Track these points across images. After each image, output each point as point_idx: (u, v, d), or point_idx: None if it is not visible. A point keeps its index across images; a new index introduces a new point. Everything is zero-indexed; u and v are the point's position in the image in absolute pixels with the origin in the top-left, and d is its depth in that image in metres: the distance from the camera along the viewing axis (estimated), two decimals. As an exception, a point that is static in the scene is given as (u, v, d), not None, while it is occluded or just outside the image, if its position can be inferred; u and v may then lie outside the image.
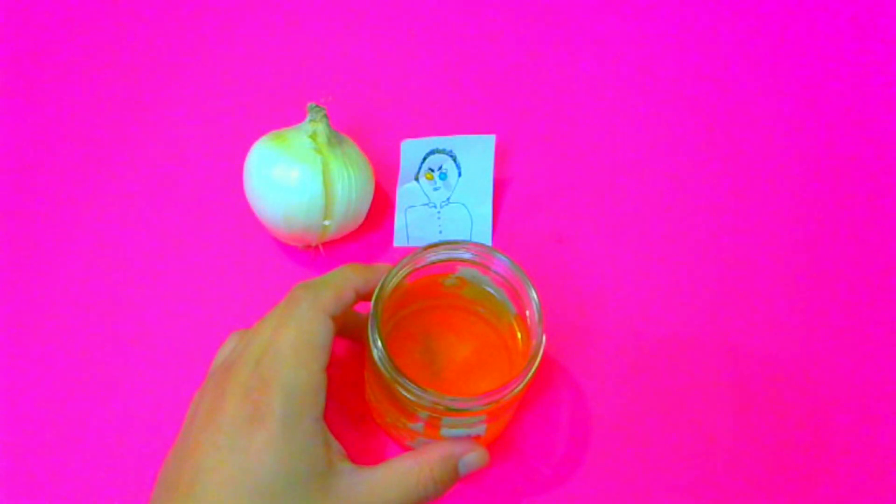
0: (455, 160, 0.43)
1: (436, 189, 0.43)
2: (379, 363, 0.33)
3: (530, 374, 0.33)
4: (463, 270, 0.37)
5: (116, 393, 0.40)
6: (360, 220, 0.43)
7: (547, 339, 0.34)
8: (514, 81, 0.51)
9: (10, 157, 0.47)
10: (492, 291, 0.37)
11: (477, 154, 0.43)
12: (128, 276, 0.43)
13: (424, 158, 0.42)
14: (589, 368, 0.42)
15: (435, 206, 0.44)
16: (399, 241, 0.45)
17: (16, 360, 0.41)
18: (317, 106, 0.41)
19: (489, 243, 0.43)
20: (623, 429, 0.40)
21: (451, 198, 0.44)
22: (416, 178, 0.43)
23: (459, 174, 0.43)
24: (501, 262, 0.35)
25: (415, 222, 0.44)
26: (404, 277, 0.35)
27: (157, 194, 0.46)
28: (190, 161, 0.47)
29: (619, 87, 0.51)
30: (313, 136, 0.41)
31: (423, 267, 0.36)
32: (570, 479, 0.39)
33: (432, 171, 0.43)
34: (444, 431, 0.34)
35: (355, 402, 0.40)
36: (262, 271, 0.44)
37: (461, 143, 0.42)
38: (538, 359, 0.33)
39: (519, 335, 0.37)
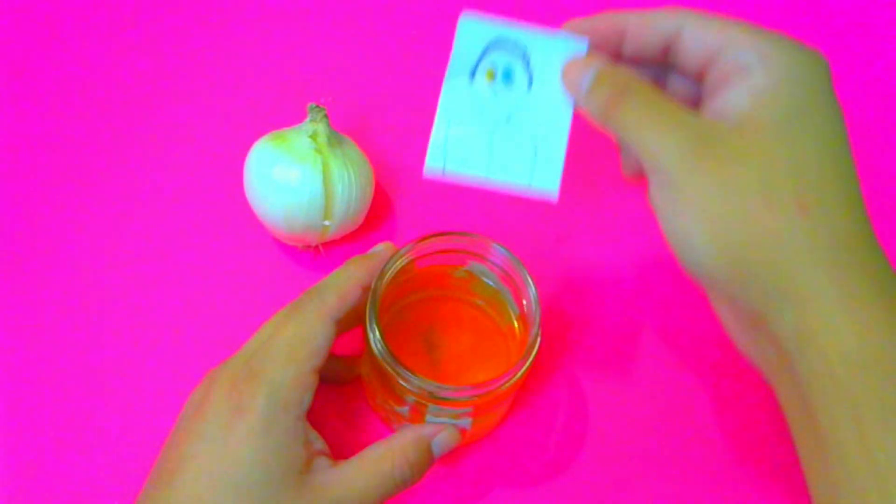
0: (528, 65, 0.32)
1: (495, 96, 0.33)
2: (370, 338, 0.33)
3: (521, 372, 0.33)
4: (472, 265, 0.37)
5: (116, 392, 0.40)
6: (360, 220, 0.43)
7: (545, 340, 0.34)
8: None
9: (10, 158, 0.47)
10: (498, 290, 0.37)
11: (559, 64, 0.32)
12: (128, 275, 0.43)
13: (486, 50, 0.32)
14: (589, 367, 0.42)
15: (489, 122, 0.33)
16: (433, 161, 0.32)
17: (16, 361, 0.41)
18: (317, 106, 0.41)
19: (555, 189, 0.33)
20: (622, 426, 0.40)
21: (512, 115, 0.33)
22: (472, 76, 0.32)
23: (530, 85, 0.32)
24: (498, 253, 0.35)
25: (459, 138, 0.33)
26: (410, 263, 0.35)
27: (157, 194, 0.46)
28: (190, 161, 0.47)
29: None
30: (313, 136, 0.41)
31: (425, 255, 0.36)
32: (565, 476, 0.39)
33: (494, 70, 0.32)
34: (429, 419, 0.34)
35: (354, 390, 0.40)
36: (262, 271, 0.44)
37: (539, 43, 0.32)
38: (531, 356, 0.33)
39: (519, 336, 0.37)
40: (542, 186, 0.32)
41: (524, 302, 0.35)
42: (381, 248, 0.36)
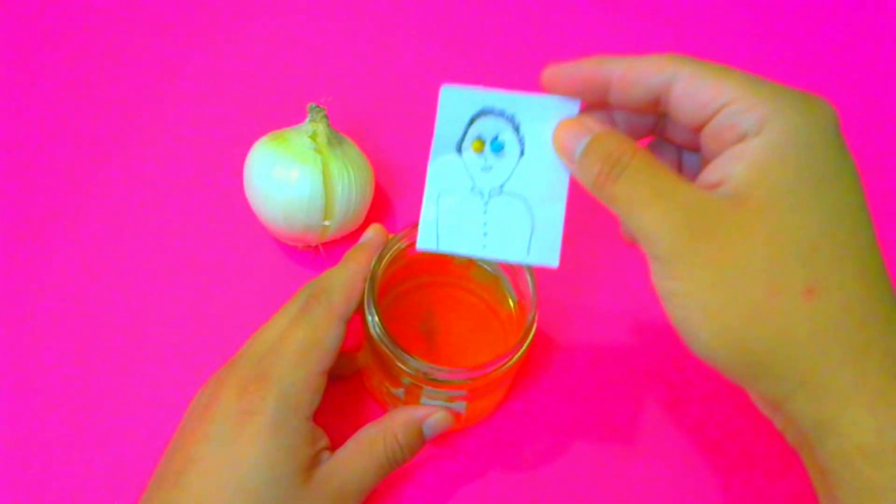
0: (517, 131, 0.30)
1: (485, 169, 0.30)
2: (369, 321, 0.33)
3: (516, 357, 0.33)
4: None
5: (116, 392, 0.40)
6: (360, 220, 0.43)
7: (542, 326, 0.34)
8: (515, 81, 0.51)
9: (10, 157, 0.47)
10: (497, 275, 0.38)
11: (550, 126, 0.30)
12: (128, 275, 0.43)
13: (472, 120, 0.30)
14: (586, 355, 0.42)
15: (482, 195, 0.31)
16: (425, 241, 0.31)
17: (15, 361, 0.41)
18: (317, 106, 0.41)
19: (555, 259, 0.31)
20: (618, 414, 0.41)
21: (505, 185, 0.30)
22: (459, 149, 0.30)
23: (522, 152, 0.30)
24: None
25: (451, 215, 0.31)
26: (409, 246, 0.35)
27: (157, 194, 0.46)
28: (190, 161, 0.47)
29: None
30: (313, 137, 0.41)
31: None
32: (560, 462, 0.39)
33: (482, 139, 0.30)
34: (424, 402, 0.34)
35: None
36: (262, 271, 0.44)
37: (528, 108, 0.29)
38: (527, 341, 0.33)
39: (516, 321, 0.37)
40: (540, 261, 0.30)
41: (521, 288, 0.35)
42: (372, 234, 0.37)
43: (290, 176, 0.40)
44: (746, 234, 0.24)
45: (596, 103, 0.29)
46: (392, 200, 0.46)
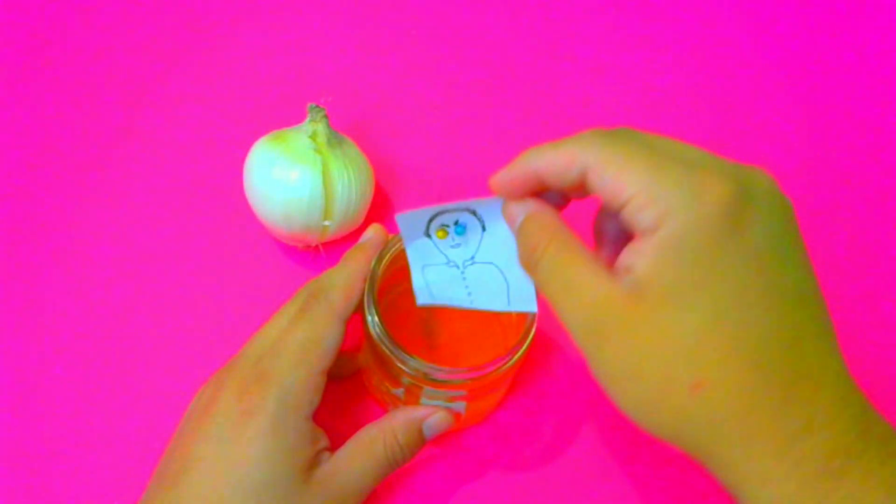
0: (476, 214, 0.32)
1: (454, 246, 0.33)
2: (369, 321, 0.33)
3: (515, 357, 0.33)
4: None
5: (116, 392, 0.40)
6: (360, 220, 0.43)
7: (542, 327, 0.34)
8: (514, 80, 0.51)
9: (9, 158, 0.47)
10: None
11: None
12: (127, 275, 0.43)
13: (431, 220, 0.33)
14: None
15: (457, 267, 0.34)
16: (422, 299, 0.34)
17: (15, 361, 0.41)
18: (317, 106, 0.41)
19: (533, 306, 0.33)
20: (618, 415, 0.41)
21: (476, 256, 0.33)
22: (427, 236, 0.33)
23: (483, 228, 0.32)
24: None
25: (436, 280, 0.34)
26: (403, 250, 0.35)
27: (157, 194, 0.46)
28: (190, 161, 0.47)
29: (619, 85, 0.51)
30: (313, 137, 0.41)
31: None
32: (560, 462, 0.39)
33: (446, 227, 0.33)
34: (424, 402, 0.34)
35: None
36: (262, 271, 0.44)
37: (483, 205, 0.32)
38: (527, 342, 0.33)
39: (516, 322, 0.37)
40: (520, 308, 0.33)
41: None
42: (372, 234, 0.37)
43: (290, 176, 0.40)
44: (640, 333, 0.25)
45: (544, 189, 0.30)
46: (392, 200, 0.46)
